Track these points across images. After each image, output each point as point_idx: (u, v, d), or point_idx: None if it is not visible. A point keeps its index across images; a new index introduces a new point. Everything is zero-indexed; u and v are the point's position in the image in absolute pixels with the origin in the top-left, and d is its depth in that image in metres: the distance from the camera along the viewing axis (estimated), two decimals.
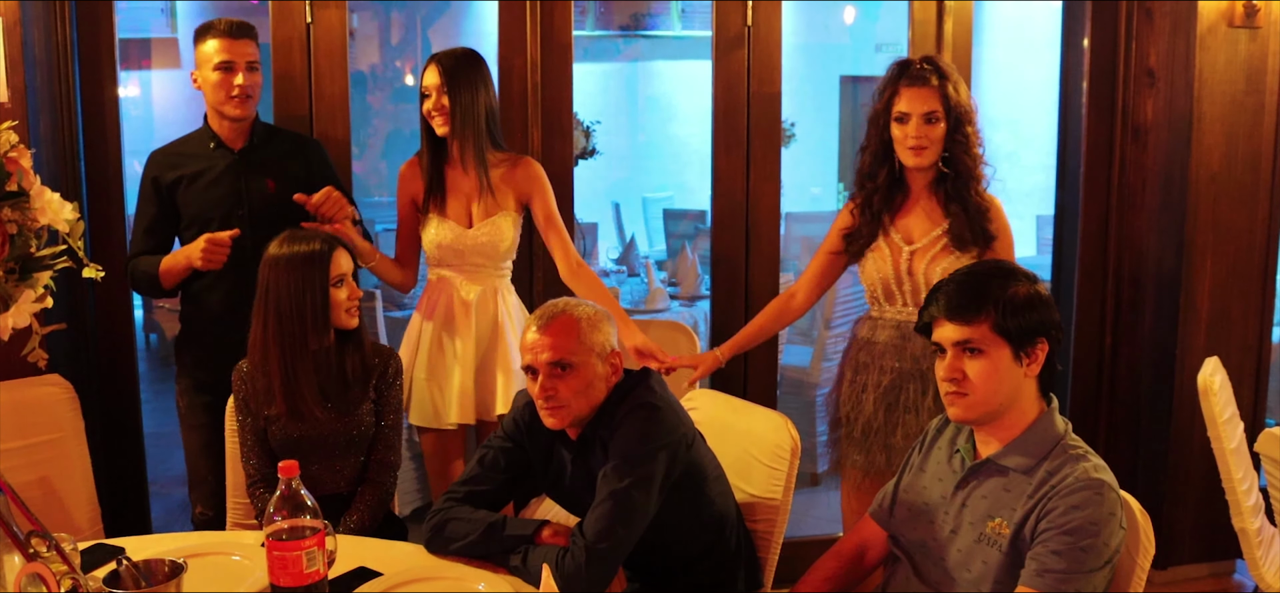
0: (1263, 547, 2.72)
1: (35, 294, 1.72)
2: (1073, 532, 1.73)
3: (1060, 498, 1.77)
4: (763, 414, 2.47)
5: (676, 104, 9.46)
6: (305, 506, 1.77)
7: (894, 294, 2.68)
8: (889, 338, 2.67)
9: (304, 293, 2.40)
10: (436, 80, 2.79)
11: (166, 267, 2.79)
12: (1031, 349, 1.84)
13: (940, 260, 2.59)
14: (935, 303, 1.89)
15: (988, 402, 1.85)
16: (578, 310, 2.12)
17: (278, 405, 2.44)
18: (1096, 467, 1.80)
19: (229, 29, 2.77)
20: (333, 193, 2.73)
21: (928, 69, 2.59)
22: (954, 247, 2.59)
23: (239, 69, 2.77)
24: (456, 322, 2.85)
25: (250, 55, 2.80)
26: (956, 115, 2.56)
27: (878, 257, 2.67)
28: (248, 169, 2.85)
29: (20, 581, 1.55)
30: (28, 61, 2.88)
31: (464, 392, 2.84)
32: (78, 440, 2.76)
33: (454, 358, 2.85)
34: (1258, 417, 3.55)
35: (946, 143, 2.58)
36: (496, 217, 2.85)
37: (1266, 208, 3.48)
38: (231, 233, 2.69)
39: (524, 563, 1.98)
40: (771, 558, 2.35)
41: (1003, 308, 1.82)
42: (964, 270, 1.95)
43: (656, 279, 5.33)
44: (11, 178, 1.69)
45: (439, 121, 2.80)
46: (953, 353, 1.86)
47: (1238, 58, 3.38)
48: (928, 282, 2.58)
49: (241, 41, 2.78)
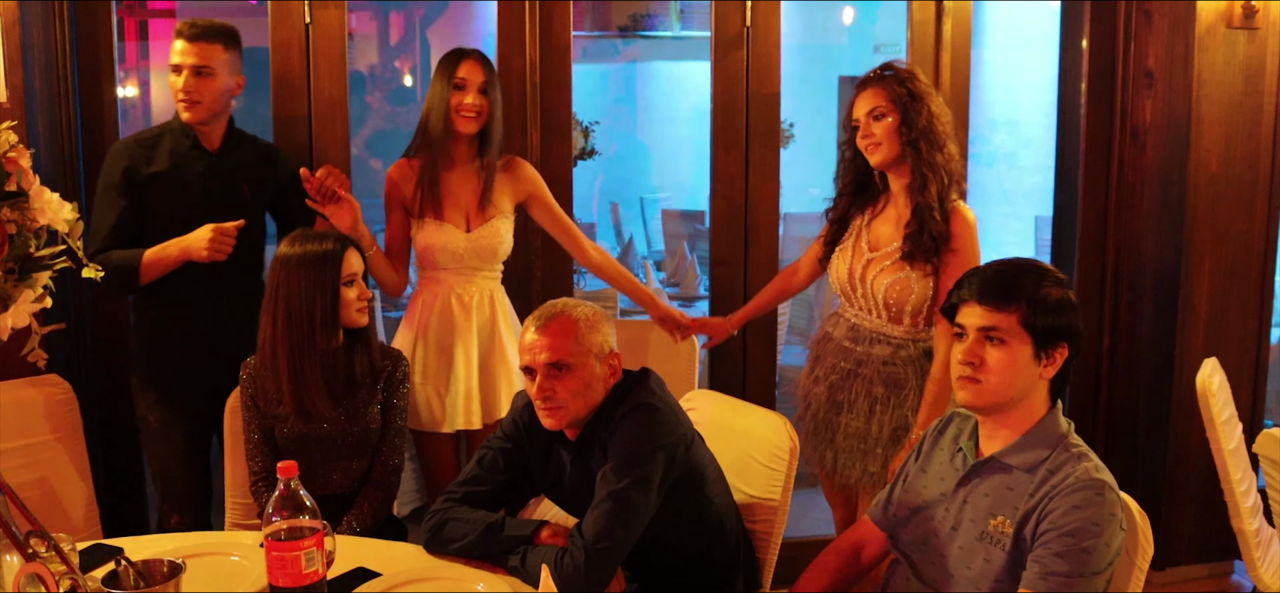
0: (1261, 548, 2.72)
1: (34, 294, 1.72)
2: (1074, 533, 1.74)
3: (1061, 498, 1.77)
4: (761, 415, 2.47)
5: (675, 104, 9.47)
6: (304, 506, 1.77)
7: (850, 296, 2.71)
8: (842, 336, 2.71)
9: (315, 292, 2.41)
10: (479, 77, 2.76)
11: (152, 258, 2.67)
12: (1052, 352, 1.85)
13: (889, 273, 2.60)
14: (968, 286, 1.89)
15: (998, 393, 1.85)
16: (576, 311, 2.12)
17: (286, 404, 2.44)
18: (1097, 467, 1.81)
19: (188, 30, 2.69)
20: (333, 168, 2.71)
21: (878, 73, 2.62)
22: (904, 261, 2.58)
23: (185, 72, 2.69)
24: (456, 325, 2.83)
25: (202, 59, 2.69)
26: (908, 107, 2.54)
27: (841, 258, 2.72)
28: (223, 172, 2.80)
29: (19, 581, 1.55)
30: (26, 61, 2.88)
31: (470, 396, 2.82)
32: (76, 441, 2.76)
33: (458, 362, 2.82)
34: (1256, 418, 3.56)
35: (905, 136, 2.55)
36: (495, 220, 2.84)
37: (1265, 209, 3.48)
38: (237, 223, 2.66)
39: (523, 564, 1.98)
40: (770, 559, 2.35)
41: (1034, 304, 1.83)
42: (1002, 260, 1.95)
43: (655, 279, 5.33)
44: (11, 178, 1.69)
45: (469, 119, 2.76)
46: (975, 337, 1.86)
47: (1236, 59, 3.38)
48: (876, 292, 2.61)
49: (197, 44, 2.69)
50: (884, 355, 2.62)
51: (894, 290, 2.58)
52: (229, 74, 2.76)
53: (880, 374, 2.62)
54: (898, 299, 2.59)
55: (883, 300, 2.60)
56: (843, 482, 2.72)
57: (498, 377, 2.86)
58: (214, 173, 2.79)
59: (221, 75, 2.73)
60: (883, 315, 2.63)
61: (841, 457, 2.68)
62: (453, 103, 2.76)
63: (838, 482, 2.74)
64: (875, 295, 2.62)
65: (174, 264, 2.68)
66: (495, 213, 2.84)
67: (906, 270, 2.57)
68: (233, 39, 2.77)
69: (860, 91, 2.63)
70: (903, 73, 2.60)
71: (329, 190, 2.69)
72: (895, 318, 2.61)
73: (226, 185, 2.79)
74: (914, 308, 2.59)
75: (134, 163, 2.73)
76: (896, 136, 2.56)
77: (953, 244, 2.55)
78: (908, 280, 2.57)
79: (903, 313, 2.60)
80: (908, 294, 2.58)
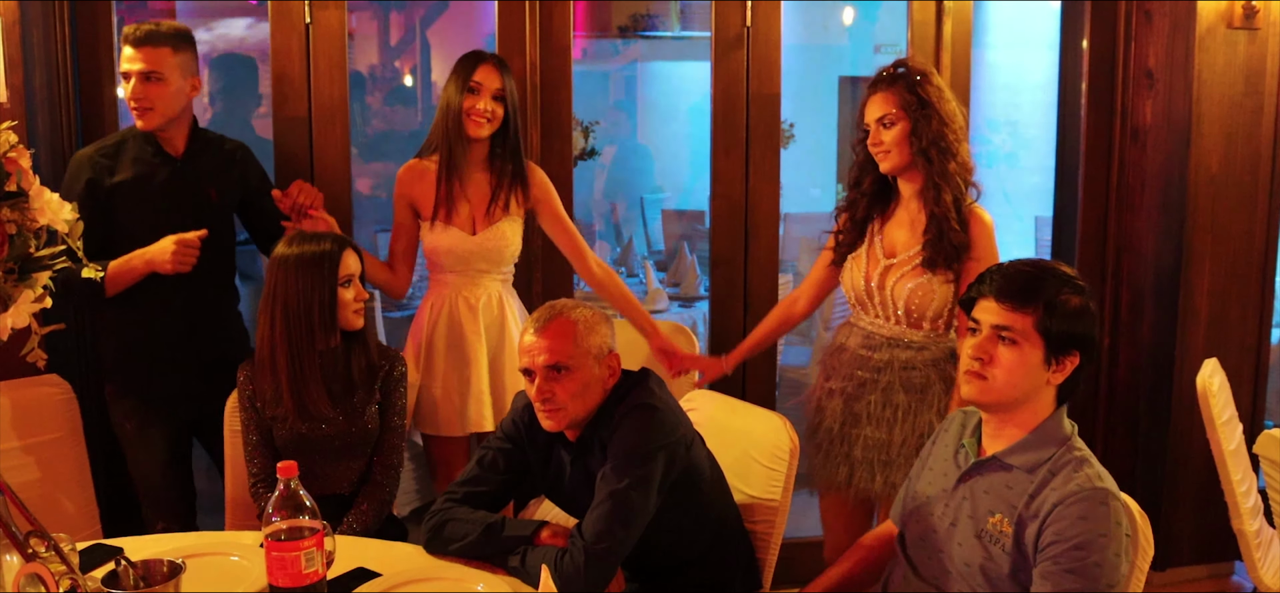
0: (1261, 549, 2.72)
1: (34, 294, 1.72)
2: (1081, 546, 1.73)
3: (1064, 508, 1.76)
4: (761, 415, 2.47)
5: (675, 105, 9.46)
6: (304, 506, 1.77)
7: (866, 303, 2.65)
8: (857, 345, 2.65)
9: (312, 293, 2.41)
10: (496, 83, 2.74)
11: (117, 270, 2.62)
12: (1063, 359, 1.84)
13: (910, 279, 2.56)
14: (989, 281, 1.89)
15: (1003, 392, 1.85)
16: (574, 313, 2.12)
17: (285, 405, 2.44)
18: (1098, 475, 1.80)
19: (134, 35, 2.62)
20: (304, 183, 2.68)
21: (890, 74, 2.57)
22: (925, 268, 2.55)
23: (133, 78, 2.62)
24: (464, 328, 2.82)
25: (148, 65, 2.61)
26: (918, 115, 2.50)
27: (856, 265, 2.66)
28: (188, 178, 2.75)
29: (19, 581, 1.55)
30: (27, 61, 2.88)
31: (480, 398, 2.81)
32: (76, 441, 2.76)
33: (468, 365, 2.81)
34: (1256, 418, 3.56)
35: (915, 145, 2.52)
36: (502, 223, 2.83)
37: (1265, 210, 3.48)
38: (200, 233, 2.60)
39: (523, 564, 1.98)
40: (770, 559, 2.35)
41: (1051, 309, 1.82)
42: (1026, 260, 1.94)
43: (655, 280, 5.33)
44: (11, 178, 1.69)
45: (480, 124, 2.74)
46: (988, 333, 1.86)
47: (1237, 59, 3.38)
48: (896, 299, 2.57)
49: (143, 49, 2.61)
50: (904, 360, 2.58)
51: (916, 297, 2.55)
52: (181, 77, 2.68)
53: (900, 380, 2.57)
54: (919, 305, 2.56)
55: (904, 307, 2.57)
56: (861, 495, 2.64)
57: (508, 378, 2.85)
58: (179, 179, 2.73)
59: (172, 79, 2.65)
60: (902, 321, 2.59)
61: (859, 470, 2.61)
62: (465, 106, 2.74)
63: (854, 496, 2.65)
64: (895, 302, 2.58)
65: (139, 275, 2.63)
66: (503, 215, 2.83)
67: (928, 276, 2.54)
68: (182, 41, 2.70)
69: (871, 94, 2.58)
70: (914, 75, 2.54)
71: (301, 208, 2.67)
72: (915, 323, 2.58)
73: (192, 191, 2.75)
74: (935, 313, 2.57)
75: (97, 174, 2.68)
76: (906, 144, 2.53)
77: (973, 251, 2.53)
78: (930, 286, 2.54)
79: (923, 318, 2.58)
80: (929, 300, 2.55)
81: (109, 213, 2.67)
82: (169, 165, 2.74)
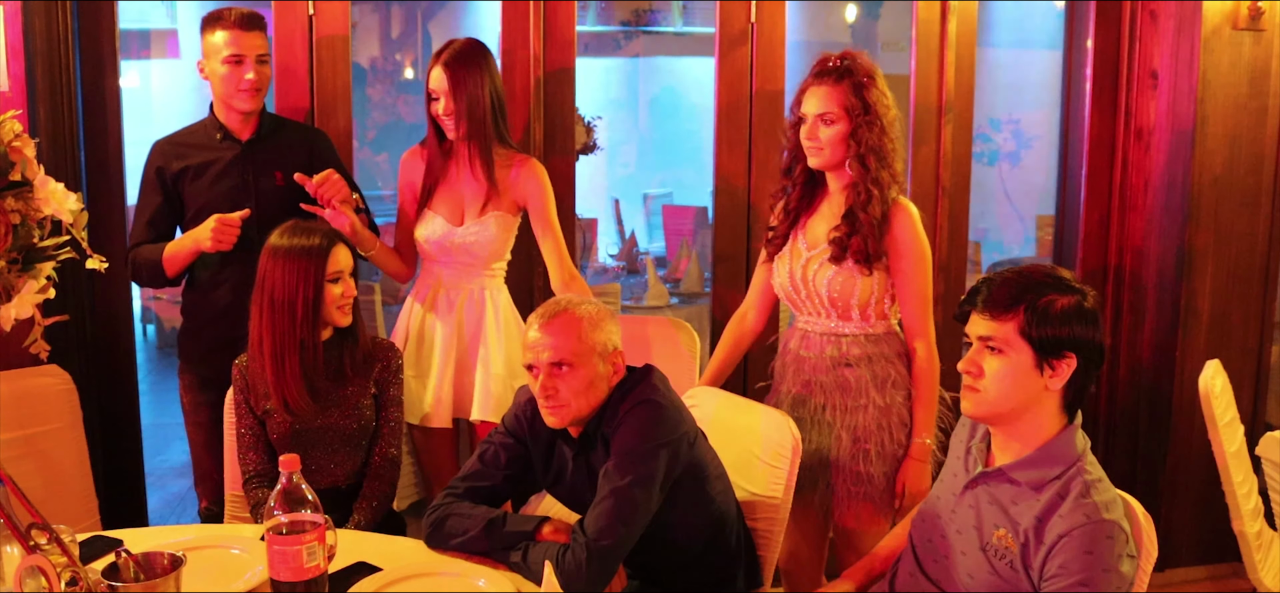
0: (1262, 550, 2.72)
1: (38, 285, 1.71)
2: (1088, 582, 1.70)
3: (1069, 540, 1.73)
4: (764, 412, 2.47)
5: (677, 100, 9.46)
6: (305, 500, 1.77)
7: (797, 302, 2.58)
8: (797, 347, 2.59)
9: (298, 286, 2.39)
10: (444, 85, 2.70)
11: (171, 252, 2.75)
12: (1055, 362, 1.80)
13: (825, 269, 2.49)
14: (979, 294, 1.86)
15: (997, 403, 1.83)
16: (579, 309, 2.11)
17: (273, 398, 2.43)
18: (1107, 504, 1.75)
19: (239, 20, 2.73)
20: (333, 175, 2.69)
21: (837, 68, 2.46)
22: (832, 258, 2.47)
23: (249, 62, 2.74)
24: (439, 320, 2.82)
25: (259, 48, 2.76)
26: (860, 120, 2.40)
27: (782, 263, 2.59)
28: (255, 161, 2.83)
29: (20, 573, 1.55)
30: (29, 50, 2.87)
31: (439, 396, 2.80)
32: (76, 431, 2.76)
33: (432, 356, 2.81)
34: (1258, 420, 3.55)
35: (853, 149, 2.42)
36: (487, 217, 2.78)
37: (1268, 212, 3.48)
38: (242, 213, 2.68)
39: (524, 560, 1.97)
40: (771, 557, 2.35)
41: (1033, 313, 1.79)
42: (1013, 269, 1.90)
43: (657, 276, 5.32)
44: (15, 168, 1.68)
45: (451, 126, 2.73)
46: (976, 346, 1.85)
47: (1241, 61, 3.38)
48: (819, 289, 2.50)
49: (251, 34, 2.74)
50: (838, 356, 2.50)
51: (836, 285, 2.46)
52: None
53: (835, 380, 2.50)
54: (842, 294, 2.47)
55: (827, 296, 2.49)
56: (806, 502, 2.55)
57: (471, 378, 2.81)
58: (243, 162, 2.82)
59: (269, 63, 2.85)
60: (830, 314, 2.51)
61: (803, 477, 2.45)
62: (432, 113, 2.76)
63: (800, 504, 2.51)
64: (819, 292, 2.50)
65: (191, 256, 2.75)
66: (490, 210, 2.79)
67: (835, 267, 2.46)
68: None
69: (815, 85, 2.45)
70: (860, 76, 2.42)
71: (325, 197, 2.68)
72: (843, 314, 2.50)
73: (259, 174, 2.82)
74: (862, 302, 2.48)
75: (165, 161, 2.82)
76: (843, 147, 2.43)
77: (898, 247, 2.44)
78: (850, 275, 2.45)
79: (850, 307, 2.49)
80: (852, 289, 2.46)
81: (179, 197, 2.82)
82: (235, 148, 2.83)
